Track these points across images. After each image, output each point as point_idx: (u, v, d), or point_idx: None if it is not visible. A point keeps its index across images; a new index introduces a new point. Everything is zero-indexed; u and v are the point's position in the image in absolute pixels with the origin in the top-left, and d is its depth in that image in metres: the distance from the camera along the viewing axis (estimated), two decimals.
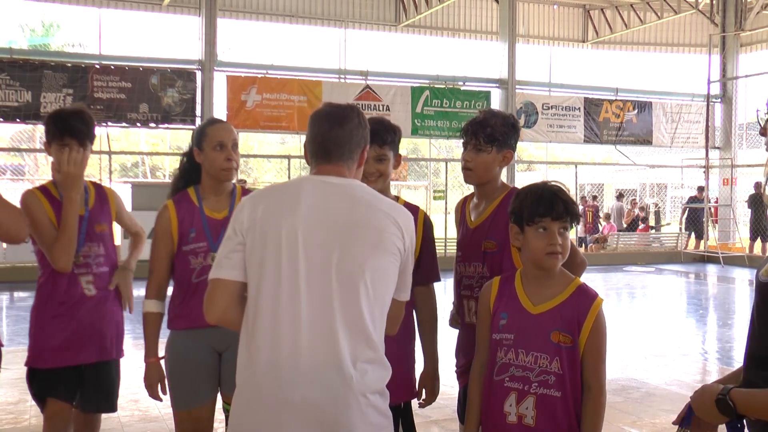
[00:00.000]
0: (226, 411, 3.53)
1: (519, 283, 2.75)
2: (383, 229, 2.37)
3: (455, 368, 3.53)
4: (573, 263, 3.22)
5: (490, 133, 3.28)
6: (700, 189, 21.51)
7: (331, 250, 2.33)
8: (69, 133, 3.58)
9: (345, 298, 2.31)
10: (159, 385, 3.44)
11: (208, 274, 2.51)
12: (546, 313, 2.65)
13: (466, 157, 3.34)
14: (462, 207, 3.57)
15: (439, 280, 3.46)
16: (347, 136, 2.49)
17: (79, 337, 3.65)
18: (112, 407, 3.88)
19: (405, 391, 3.37)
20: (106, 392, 3.81)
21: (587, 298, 2.66)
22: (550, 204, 2.65)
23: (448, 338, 3.73)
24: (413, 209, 3.37)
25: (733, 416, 2.02)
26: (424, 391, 3.46)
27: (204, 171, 3.50)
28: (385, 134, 3.28)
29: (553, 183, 2.78)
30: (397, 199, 3.42)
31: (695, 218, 21.28)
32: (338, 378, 2.28)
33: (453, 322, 3.58)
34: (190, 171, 3.57)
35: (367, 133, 2.59)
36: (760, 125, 2.67)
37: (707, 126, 21.28)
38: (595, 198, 24.82)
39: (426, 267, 3.36)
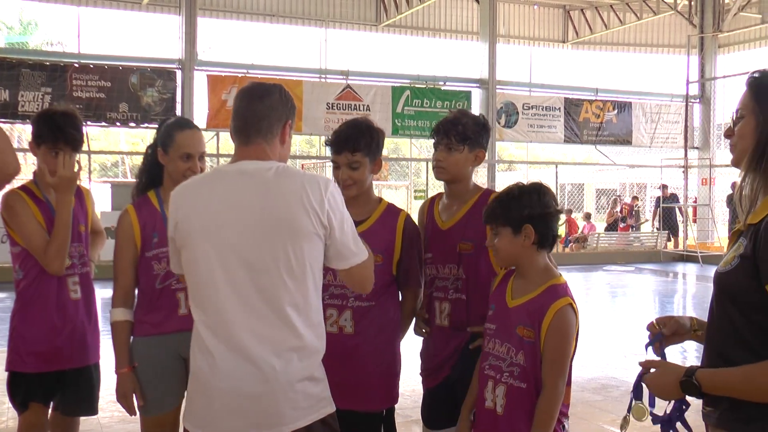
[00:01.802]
0: None
1: (513, 277, 2.88)
2: (294, 216, 2.39)
3: (420, 371, 3.50)
4: None
5: (462, 132, 3.28)
6: (664, 187, 21.71)
7: (245, 246, 2.40)
8: (64, 140, 3.53)
9: (263, 292, 2.40)
10: (134, 396, 3.33)
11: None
12: (517, 308, 2.78)
13: (438, 157, 3.32)
14: (429, 208, 3.52)
15: (420, 286, 3.43)
16: (266, 110, 2.52)
17: (66, 344, 3.60)
18: (92, 410, 3.84)
19: (385, 398, 3.32)
20: (87, 396, 3.77)
21: (552, 296, 2.73)
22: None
23: None
24: (395, 212, 3.35)
25: (698, 396, 2.11)
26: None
27: (166, 173, 3.41)
28: (359, 139, 3.20)
29: (517, 184, 2.88)
30: (380, 201, 3.39)
31: (668, 217, 21.45)
32: (261, 369, 2.38)
33: (418, 330, 3.50)
34: (156, 165, 3.45)
35: (290, 109, 2.60)
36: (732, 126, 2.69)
37: (686, 126, 21.45)
38: (636, 198, 24.99)
39: (407, 271, 3.33)
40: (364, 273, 2.60)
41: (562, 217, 20.32)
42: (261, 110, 2.52)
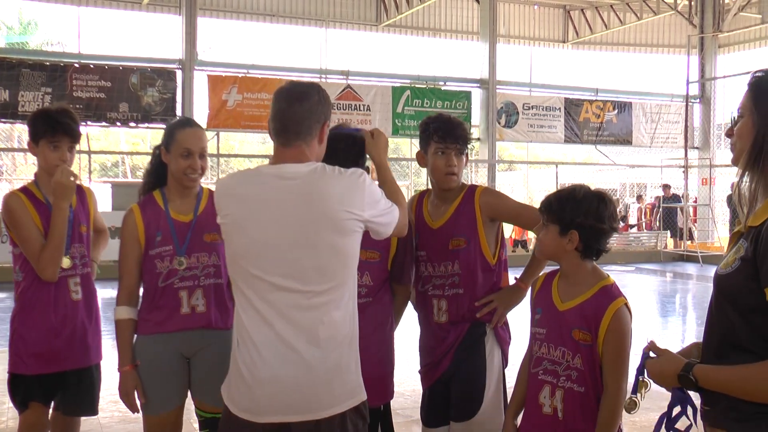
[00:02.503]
0: (201, 417, 3.49)
1: (557, 279, 2.86)
2: (334, 217, 2.50)
3: (420, 368, 3.53)
4: None
5: (468, 138, 3.40)
6: (666, 186, 21.71)
7: (283, 245, 2.50)
8: (62, 130, 3.54)
9: (301, 286, 2.50)
10: (135, 394, 3.34)
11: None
12: (570, 311, 2.75)
13: (454, 163, 3.36)
14: (417, 205, 3.56)
15: (411, 282, 3.48)
16: (305, 113, 2.59)
17: (65, 345, 3.59)
18: (93, 410, 3.84)
19: (383, 394, 3.35)
20: (88, 396, 3.76)
21: (607, 298, 2.71)
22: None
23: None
24: None
25: (694, 390, 2.14)
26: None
27: (169, 172, 3.43)
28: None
29: (581, 185, 2.87)
30: None
31: (669, 217, 21.47)
32: (302, 357, 2.49)
33: None
34: (162, 165, 3.47)
35: (327, 109, 2.67)
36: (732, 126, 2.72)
37: (686, 126, 21.45)
38: (659, 198, 25.06)
39: (402, 266, 3.38)
40: (400, 228, 2.79)
41: None
42: (300, 113, 2.59)
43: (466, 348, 3.36)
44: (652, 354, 2.30)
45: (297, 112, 2.58)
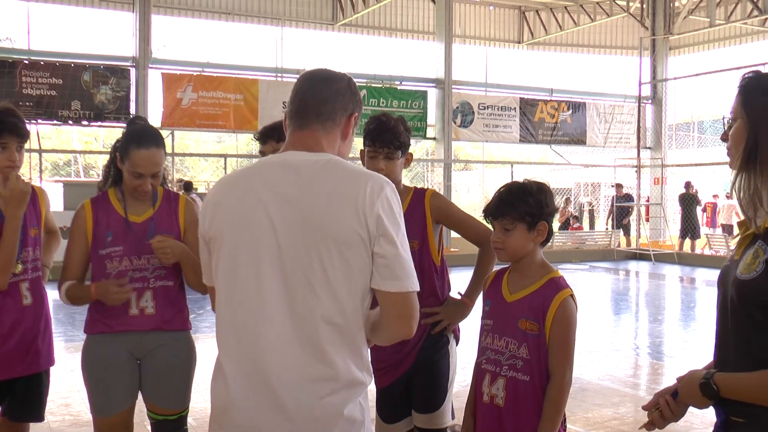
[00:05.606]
0: (152, 419, 3.45)
1: (507, 274, 2.95)
2: (335, 217, 2.02)
3: (375, 365, 3.54)
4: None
5: (402, 140, 3.36)
6: (618, 186, 22.07)
7: (277, 251, 2.04)
8: (8, 130, 3.42)
9: (293, 307, 2.02)
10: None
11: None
12: (518, 302, 2.82)
13: (382, 166, 3.33)
14: None
15: None
16: (332, 93, 2.18)
17: (15, 351, 3.48)
18: (39, 417, 3.73)
19: None
20: (34, 403, 3.66)
21: (554, 289, 2.80)
22: (492, 203, 2.89)
23: None
24: None
25: (717, 399, 2.07)
26: None
27: (124, 177, 3.39)
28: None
29: (524, 180, 2.92)
30: None
31: (622, 216, 21.81)
32: (283, 402, 2.02)
33: None
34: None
35: (358, 102, 2.25)
36: (724, 129, 2.76)
37: (639, 126, 21.78)
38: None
39: None
40: (409, 310, 2.08)
41: None
42: (325, 93, 2.18)
43: (430, 345, 3.44)
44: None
45: (321, 91, 2.17)
